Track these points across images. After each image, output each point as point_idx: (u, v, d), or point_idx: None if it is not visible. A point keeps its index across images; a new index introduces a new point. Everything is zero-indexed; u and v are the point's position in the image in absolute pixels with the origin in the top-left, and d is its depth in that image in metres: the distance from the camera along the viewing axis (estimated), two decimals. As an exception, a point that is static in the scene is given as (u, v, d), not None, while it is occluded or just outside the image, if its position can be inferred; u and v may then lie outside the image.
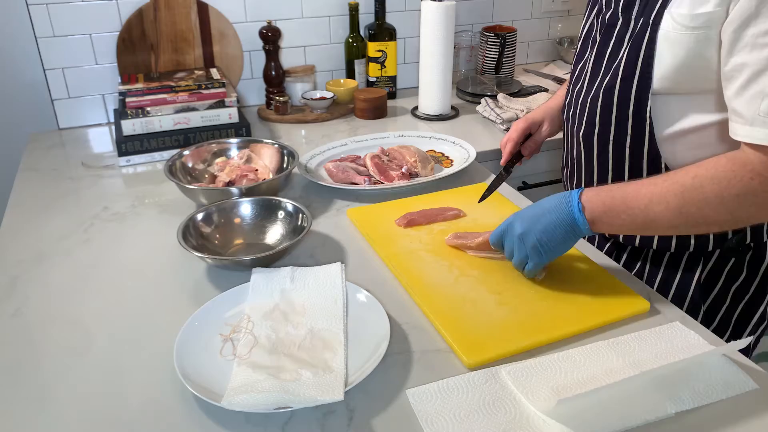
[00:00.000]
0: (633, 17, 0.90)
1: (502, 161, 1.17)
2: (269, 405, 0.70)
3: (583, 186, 0.99)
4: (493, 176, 1.27)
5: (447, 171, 1.32)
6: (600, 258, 1.02)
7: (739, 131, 0.77)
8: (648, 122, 0.90)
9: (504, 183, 1.21)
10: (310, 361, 0.79)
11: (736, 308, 1.02)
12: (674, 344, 0.81)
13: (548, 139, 1.21)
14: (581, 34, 1.06)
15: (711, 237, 0.95)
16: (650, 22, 0.86)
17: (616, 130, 0.95)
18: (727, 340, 1.00)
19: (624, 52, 0.91)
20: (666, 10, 0.84)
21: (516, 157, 1.17)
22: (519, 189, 1.54)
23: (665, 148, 0.91)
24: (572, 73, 1.07)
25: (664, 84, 0.87)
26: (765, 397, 0.73)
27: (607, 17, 0.96)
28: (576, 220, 0.84)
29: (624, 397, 0.72)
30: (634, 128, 0.92)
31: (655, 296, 0.92)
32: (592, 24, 1.02)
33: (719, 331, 1.02)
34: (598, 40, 0.99)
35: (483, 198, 1.13)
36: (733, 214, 0.77)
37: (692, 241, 0.96)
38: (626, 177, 0.97)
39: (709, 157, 0.79)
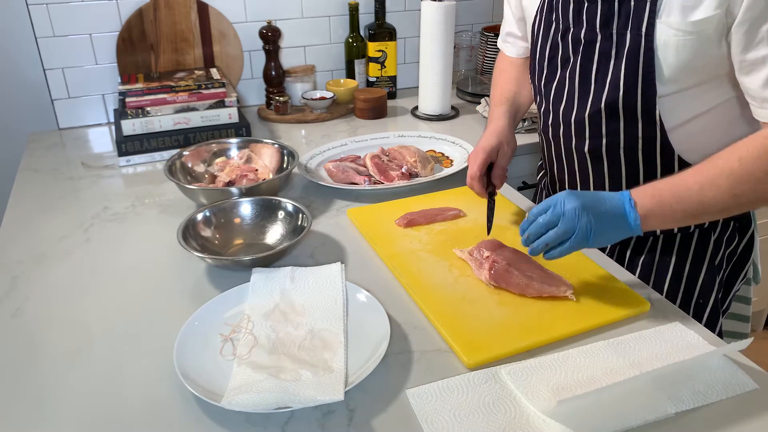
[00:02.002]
0: (614, 32, 0.93)
1: (480, 195, 1.12)
2: (269, 405, 0.70)
3: None
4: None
5: (447, 171, 1.32)
6: (600, 258, 1.02)
7: None
8: (658, 122, 0.94)
9: (504, 183, 1.20)
10: (310, 361, 0.79)
11: (728, 268, 1.10)
12: (674, 344, 0.81)
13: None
14: (543, 55, 1.06)
15: None
16: (642, 33, 0.90)
17: (626, 138, 0.98)
18: (723, 295, 1.09)
19: (619, 66, 0.93)
20: (657, 20, 0.88)
21: (490, 185, 1.11)
22: (519, 189, 1.54)
23: (675, 139, 0.96)
24: (543, 95, 1.07)
25: (670, 87, 0.92)
26: (765, 397, 0.73)
27: (582, 35, 0.97)
28: (627, 215, 0.83)
29: (624, 397, 0.72)
30: (644, 131, 0.96)
31: (655, 296, 0.92)
32: (556, 44, 1.02)
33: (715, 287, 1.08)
34: (572, 58, 1.00)
35: (489, 230, 1.07)
36: None
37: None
38: (641, 177, 1.00)
39: (717, 135, 0.93)
